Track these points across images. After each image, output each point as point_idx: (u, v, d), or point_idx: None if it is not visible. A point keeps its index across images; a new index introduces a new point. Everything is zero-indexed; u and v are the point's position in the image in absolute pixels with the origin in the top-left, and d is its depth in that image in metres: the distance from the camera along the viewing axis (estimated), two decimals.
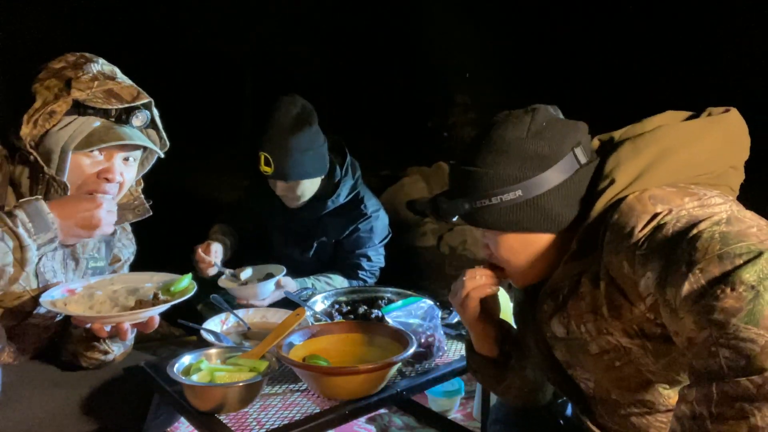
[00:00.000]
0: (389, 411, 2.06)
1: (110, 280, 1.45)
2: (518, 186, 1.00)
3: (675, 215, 0.85)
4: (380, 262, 2.31)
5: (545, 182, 1.00)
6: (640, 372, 0.97)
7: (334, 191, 2.18)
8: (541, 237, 1.04)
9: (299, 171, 2.09)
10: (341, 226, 2.23)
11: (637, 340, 0.93)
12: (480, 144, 1.05)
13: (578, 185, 1.02)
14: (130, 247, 1.65)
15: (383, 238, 2.30)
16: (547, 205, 1.01)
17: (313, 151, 2.10)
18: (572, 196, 1.02)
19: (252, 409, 1.26)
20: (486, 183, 1.02)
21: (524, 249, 1.05)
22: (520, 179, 1.00)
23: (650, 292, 0.83)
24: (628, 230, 0.88)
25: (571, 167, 1.01)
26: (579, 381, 1.09)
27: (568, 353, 1.06)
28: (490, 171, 1.01)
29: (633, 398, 1.01)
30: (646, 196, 0.91)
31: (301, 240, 2.29)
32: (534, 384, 1.22)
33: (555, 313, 1.05)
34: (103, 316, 1.28)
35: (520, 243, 1.05)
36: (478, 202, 1.03)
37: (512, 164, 1.01)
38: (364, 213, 2.21)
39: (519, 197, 1.00)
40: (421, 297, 1.72)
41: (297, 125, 2.06)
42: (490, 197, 1.01)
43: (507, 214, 1.02)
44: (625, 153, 0.97)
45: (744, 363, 0.66)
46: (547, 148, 1.01)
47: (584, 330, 0.99)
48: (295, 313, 1.40)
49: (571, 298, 1.00)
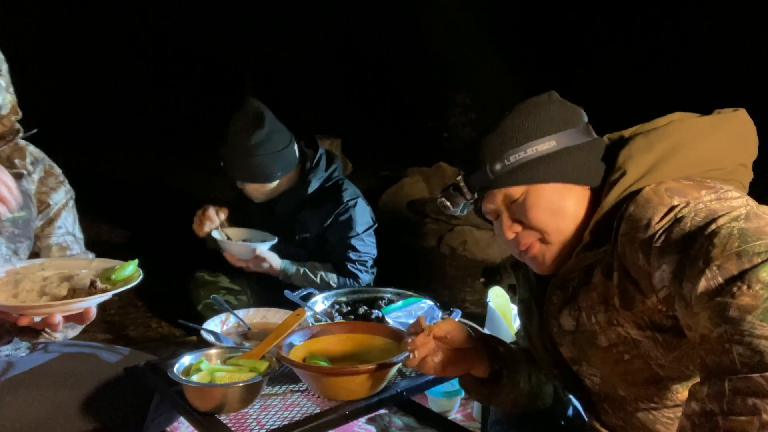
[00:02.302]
0: (389, 411, 2.06)
1: (40, 264, 1.27)
2: (552, 137, 1.02)
3: (693, 208, 0.85)
4: (370, 252, 2.30)
5: (575, 136, 1.03)
6: (649, 366, 0.97)
7: (302, 184, 2.24)
8: (574, 195, 1.03)
9: (254, 174, 2.18)
10: (319, 219, 2.26)
11: (647, 332, 0.93)
12: (501, 119, 1.07)
13: (599, 150, 1.05)
14: (60, 189, 1.52)
15: (367, 227, 2.30)
16: (580, 157, 1.03)
17: (269, 156, 2.15)
18: (597, 158, 1.04)
19: (252, 410, 1.26)
20: (520, 136, 1.03)
21: (562, 205, 1.03)
22: (553, 131, 1.03)
23: (665, 285, 0.83)
24: (645, 222, 0.87)
25: (589, 133, 1.06)
26: (584, 377, 1.08)
27: (575, 348, 1.06)
28: (523, 124, 1.03)
29: (640, 393, 1.01)
30: (663, 188, 0.91)
31: (283, 236, 2.32)
32: (529, 394, 1.21)
33: (565, 306, 1.04)
34: (28, 306, 1.12)
35: (558, 198, 1.03)
36: (512, 158, 1.02)
37: (543, 119, 1.04)
38: (340, 203, 2.24)
39: (554, 147, 1.02)
40: (421, 297, 1.72)
41: (249, 130, 2.13)
42: (526, 149, 1.02)
43: (545, 164, 1.02)
44: (638, 146, 0.98)
45: (758, 359, 0.66)
46: (569, 114, 1.06)
47: (594, 321, 0.99)
48: (295, 313, 1.40)
49: (583, 290, 1.00)
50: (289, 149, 2.21)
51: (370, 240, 2.31)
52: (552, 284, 1.07)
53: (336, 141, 5.08)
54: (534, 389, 1.21)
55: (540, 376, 1.23)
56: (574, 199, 1.03)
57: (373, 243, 2.33)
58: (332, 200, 2.25)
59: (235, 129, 2.16)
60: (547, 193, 1.02)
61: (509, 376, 1.17)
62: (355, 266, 2.25)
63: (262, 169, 2.16)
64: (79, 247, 1.65)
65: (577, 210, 1.02)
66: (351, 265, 2.24)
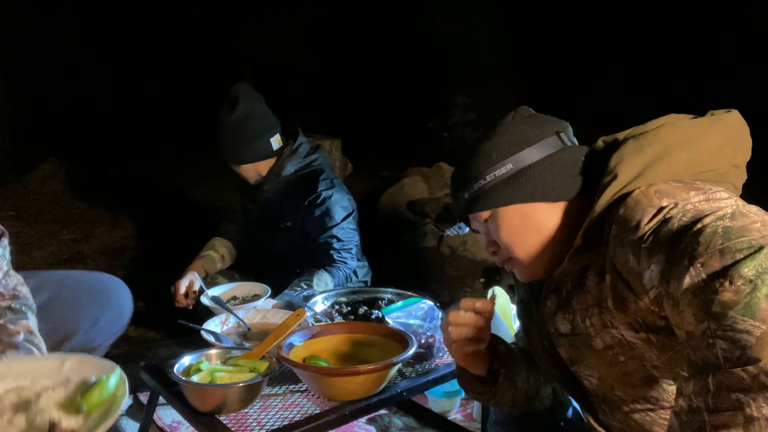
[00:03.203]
0: (389, 412, 2.06)
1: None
2: (508, 160, 1.06)
3: (681, 209, 0.86)
4: (353, 240, 2.29)
5: (533, 154, 1.06)
6: (644, 367, 0.97)
7: (277, 168, 2.30)
8: (539, 212, 1.06)
9: (224, 152, 2.26)
10: (296, 207, 2.29)
11: (641, 333, 0.93)
12: (473, 144, 1.14)
13: (568, 161, 1.07)
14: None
15: (346, 215, 2.29)
16: (538, 175, 1.05)
17: (232, 138, 2.23)
18: (563, 171, 1.06)
19: (252, 410, 1.26)
20: (479, 165, 1.08)
21: (524, 225, 1.07)
22: (509, 154, 1.07)
23: (654, 285, 0.83)
24: (634, 224, 0.88)
25: (556, 145, 1.08)
26: (582, 378, 1.09)
27: (572, 350, 1.06)
28: (481, 154, 1.09)
29: (637, 394, 1.01)
30: (652, 190, 0.92)
31: (270, 225, 2.35)
32: (527, 395, 1.21)
33: (559, 309, 1.05)
34: None
35: (520, 219, 1.07)
36: (475, 186, 1.09)
37: (500, 144, 1.08)
38: (314, 191, 2.26)
39: (510, 170, 1.06)
40: (421, 298, 1.72)
41: (233, 113, 2.22)
42: (485, 176, 1.07)
43: (502, 189, 1.06)
44: (628, 150, 0.99)
45: (739, 353, 0.67)
46: (531, 129, 1.08)
47: (589, 324, 1.00)
48: (295, 313, 1.40)
49: (576, 293, 1.01)
50: (263, 138, 2.26)
51: (350, 227, 2.29)
52: (546, 288, 1.08)
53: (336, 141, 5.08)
54: (532, 390, 1.21)
55: (538, 377, 1.23)
56: (539, 215, 1.06)
57: (355, 230, 2.31)
58: (307, 187, 2.28)
59: (223, 114, 2.25)
60: (508, 215, 1.07)
61: (507, 375, 1.17)
62: (341, 255, 2.24)
63: (231, 151, 2.25)
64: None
65: (546, 224, 1.06)
66: (336, 255, 2.23)
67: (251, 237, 2.47)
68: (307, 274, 2.16)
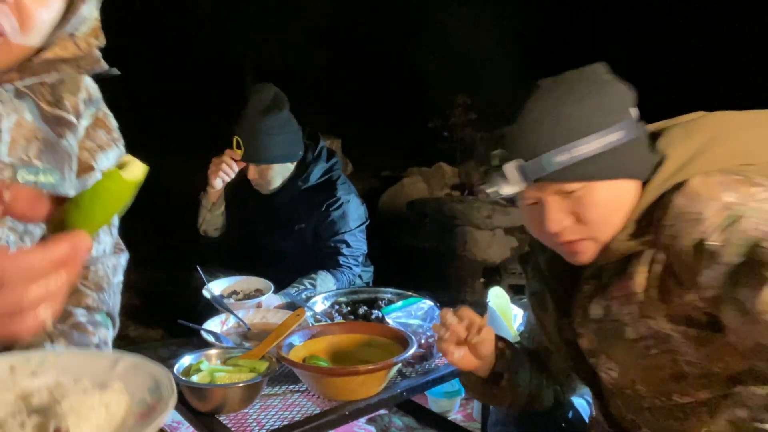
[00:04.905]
0: (389, 412, 2.06)
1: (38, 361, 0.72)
2: (618, 126, 0.93)
3: (750, 208, 0.82)
4: (361, 248, 2.32)
5: (634, 124, 0.95)
6: (675, 362, 0.94)
7: (304, 173, 2.27)
8: (628, 189, 0.96)
9: (267, 154, 2.19)
10: (313, 211, 2.29)
11: (681, 326, 0.90)
12: (557, 98, 0.94)
13: (647, 140, 0.98)
14: (111, 150, 1.02)
15: (360, 223, 2.32)
16: (636, 148, 0.95)
17: (283, 136, 2.19)
18: (646, 147, 0.96)
19: (252, 410, 1.26)
20: (587, 124, 0.92)
21: (616, 202, 0.95)
22: (618, 119, 0.93)
23: (713, 286, 0.81)
24: (694, 216, 0.85)
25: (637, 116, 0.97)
26: (600, 371, 1.05)
27: (597, 338, 1.02)
28: (590, 109, 0.92)
29: (659, 389, 0.98)
30: (714, 182, 0.87)
31: (281, 227, 2.34)
32: (529, 396, 1.20)
33: (596, 294, 1.01)
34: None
35: (614, 195, 0.95)
36: (578, 150, 0.91)
37: (610, 104, 0.93)
38: (335, 197, 2.27)
39: (620, 139, 0.93)
40: (421, 298, 1.72)
41: (268, 111, 2.17)
42: (592, 141, 0.91)
43: (610, 160, 0.93)
44: (677, 136, 0.95)
45: None
46: (629, 94, 0.97)
47: (626, 312, 0.96)
48: (295, 313, 1.40)
49: (617, 279, 0.97)
50: (299, 139, 2.26)
51: (361, 236, 2.33)
52: (587, 273, 1.03)
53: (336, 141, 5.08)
54: (533, 392, 1.20)
55: (541, 379, 1.22)
56: (630, 193, 0.96)
57: (364, 239, 2.35)
58: (327, 193, 2.28)
59: (255, 111, 2.18)
60: (605, 189, 0.94)
61: (510, 379, 1.16)
62: (347, 260, 2.26)
63: (265, 149, 2.19)
64: (109, 246, 1.22)
65: (627, 204, 0.96)
66: (343, 259, 2.25)
67: (252, 236, 2.47)
68: (311, 274, 2.16)
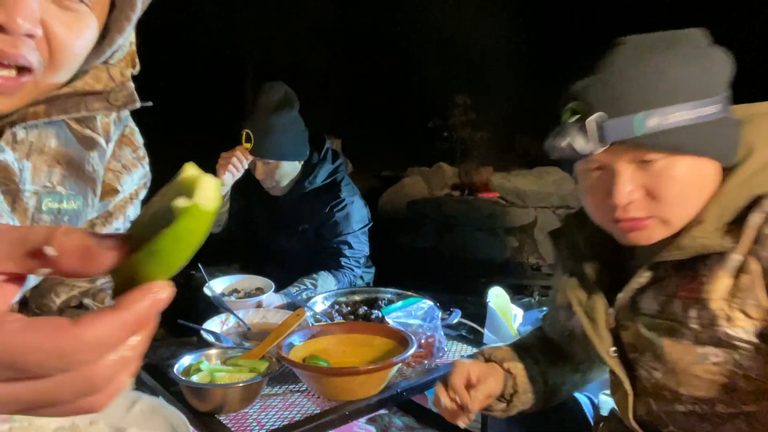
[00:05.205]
0: (389, 412, 2.06)
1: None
2: (718, 98, 0.83)
3: None
4: (363, 250, 2.34)
5: (728, 101, 0.86)
6: (734, 374, 0.85)
7: (311, 174, 2.28)
8: (713, 171, 0.86)
9: (277, 150, 2.20)
10: (318, 211, 2.29)
11: (754, 340, 0.82)
12: (657, 54, 0.83)
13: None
14: (137, 170, 0.93)
15: (363, 225, 2.34)
16: (727, 127, 0.85)
17: (292, 134, 2.21)
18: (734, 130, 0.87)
19: (252, 410, 1.26)
20: (688, 89, 0.81)
21: (698, 182, 0.84)
22: (718, 91, 0.83)
23: None
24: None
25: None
26: (640, 368, 0.96)
27: (645, 335, 0.93)
28: (693, 75, 0.81)
29: (706, 396, 0.89)
30: None
31: (285, 227, 2.34)
32: (544, 400, 1.14)
33: (651, 287, 0.92)
34: None
35: (697, 174, 0.84)
36: (675, 116, 0.81)
37: (712, 74, 0.83)
38: (339, 198, 2.28)
39: (716, 113, 0.82)
40: (421, 298, 1.72)
41: (280, 108, 2.18)
42: (690, 109, 0.81)
43: (703, 133, 0.82)
44: (766, 126, 0.88)
45: None
46: (729, 66, 0.86)
47: (691, 315, 0.86)
48: (295, 313, 1.40)
49: (681, 276, 0.88)
50: (306, 139, 2.28)
51: (364, 238, 2.35)
52: (638, 260, 0.96)
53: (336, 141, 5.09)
54: (549, 393, 1.14)
55: (557, 373, 1.15)
56: (710, 176, 0.85)
57: (367, 241, 2.36)
58: (332, 194, 2.29)
59: (267, 107, 2.19)
60: (690, 165, 0.83)
61: (518, 397, 1.11)
62: (349, 261, 2.27)
63: (277, 145, 2.19)
64: None
65: (708, 188, 0.85)
66: (345, 260, 2.26)
67: (255, 236, 2.47)
68: (313, 274, 2.17)
